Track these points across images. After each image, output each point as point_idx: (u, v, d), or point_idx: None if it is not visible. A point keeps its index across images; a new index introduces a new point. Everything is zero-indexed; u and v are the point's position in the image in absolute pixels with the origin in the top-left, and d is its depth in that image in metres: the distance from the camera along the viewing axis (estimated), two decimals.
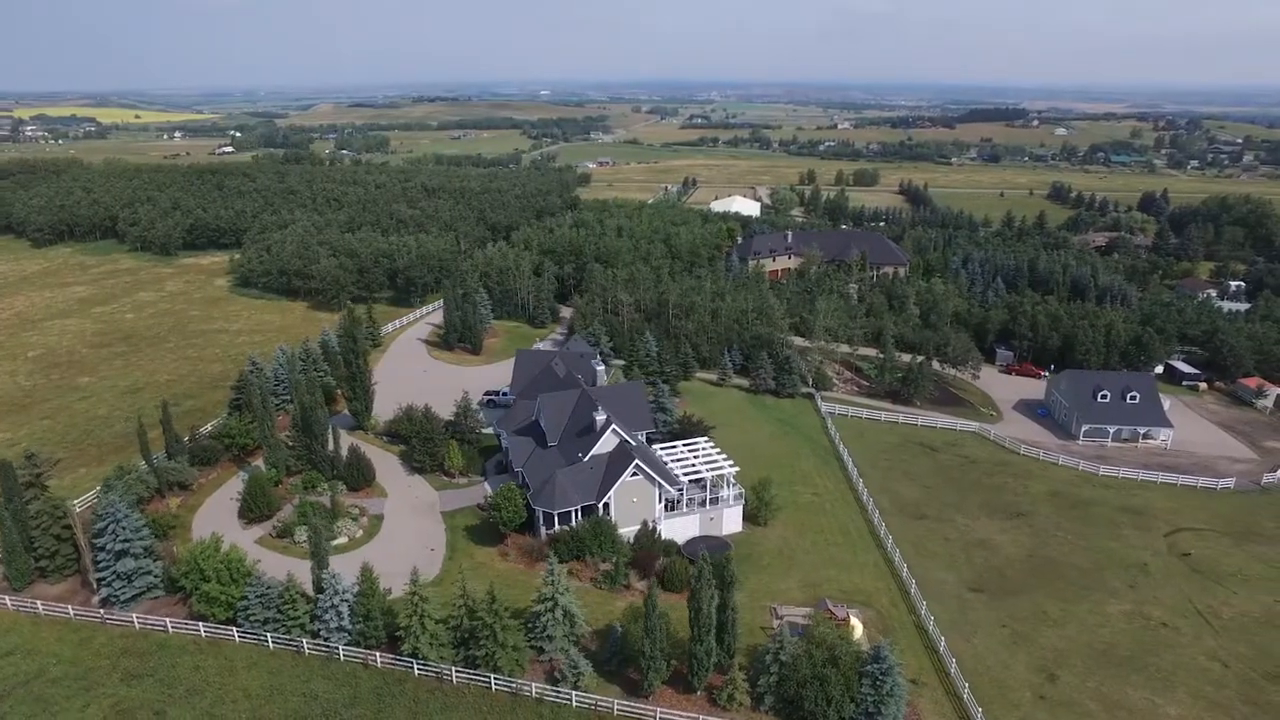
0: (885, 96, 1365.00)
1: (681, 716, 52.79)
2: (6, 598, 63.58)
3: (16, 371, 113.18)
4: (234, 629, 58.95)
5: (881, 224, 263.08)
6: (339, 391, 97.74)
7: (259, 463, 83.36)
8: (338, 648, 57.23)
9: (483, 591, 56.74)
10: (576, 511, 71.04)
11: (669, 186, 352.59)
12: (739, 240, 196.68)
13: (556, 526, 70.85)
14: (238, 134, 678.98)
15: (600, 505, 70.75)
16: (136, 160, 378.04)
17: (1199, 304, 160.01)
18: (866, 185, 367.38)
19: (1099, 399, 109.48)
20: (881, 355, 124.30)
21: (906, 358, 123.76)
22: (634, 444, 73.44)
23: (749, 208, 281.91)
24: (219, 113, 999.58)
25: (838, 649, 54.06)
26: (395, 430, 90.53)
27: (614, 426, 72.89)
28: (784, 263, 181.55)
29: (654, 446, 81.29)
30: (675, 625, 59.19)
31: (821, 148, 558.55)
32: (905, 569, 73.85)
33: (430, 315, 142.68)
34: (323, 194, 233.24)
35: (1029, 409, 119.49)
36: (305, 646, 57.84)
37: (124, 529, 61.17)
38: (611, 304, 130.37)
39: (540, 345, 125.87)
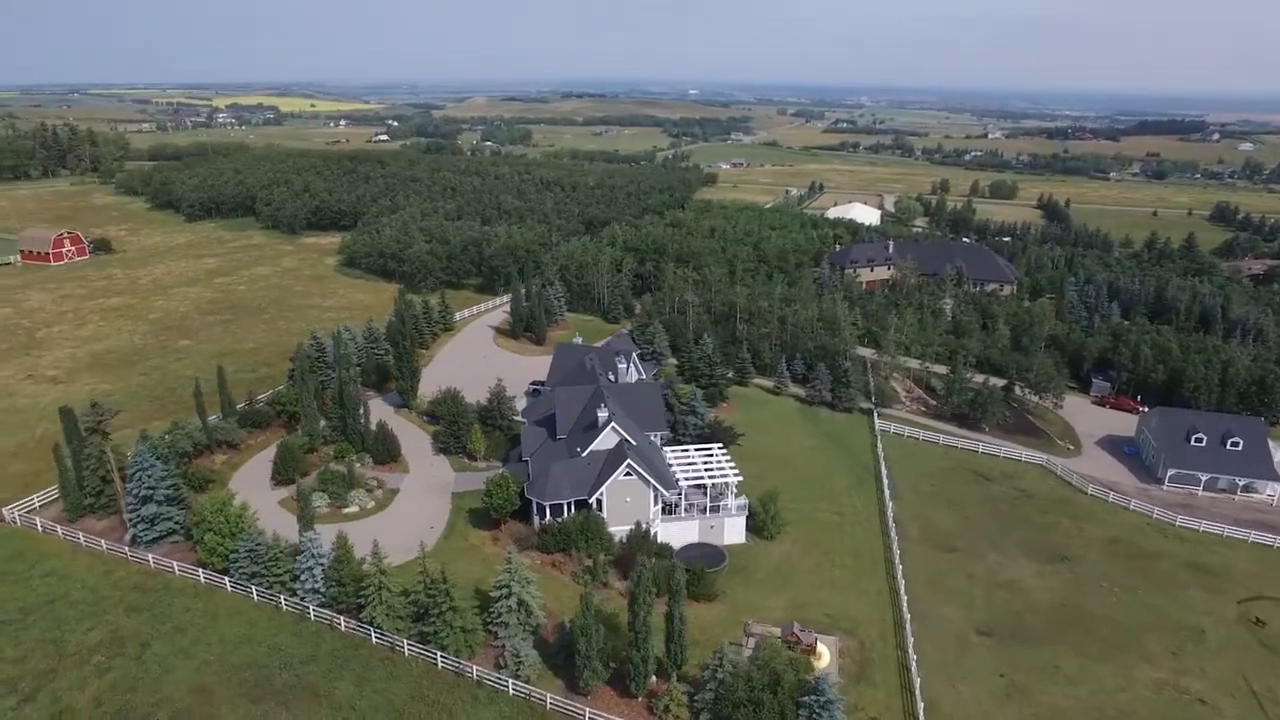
0: (1049, 105, 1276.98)
1: None
2: (59, 527, 71.51)
3: (135, 331, 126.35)
4: (227, 579, 63.61)
5: (1006, 239, 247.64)
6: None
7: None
8: (309, 608, 60.63)
9: (450, 573, 58.57)
10: (570, 505, 71.66)
11: (790, 190, 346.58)
12: (836, 248, 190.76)
13: (549, 517, 71.72)
14: (395, 123, 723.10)
15: (593, 501, 71.02)
16: (297, 145, 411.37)
17: None
18: (1003, 198, 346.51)
19: (1192, 442, 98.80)
20: (963, 373, 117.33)
21: (980, 379, 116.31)
22: (634, 443, 73.18)
23: (867, 215, 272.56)
24: (384, 103, 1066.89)
25: (783, 675, 51.91)
26: (434, 411, 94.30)
27: (614, 424, 72.92)
28: (882, 273, 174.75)
29: (665, 449, 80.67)
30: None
31: (967, 157, 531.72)
32: (908, 601, 69.75)
33: (509, 304, 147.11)
34: (440, 183, 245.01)
35: (1115, 446, 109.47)
36: (283, 603, 61.66)
37: (149, 477, 67.31)
38: (679, 304, 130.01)
39: (604, 341, 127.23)
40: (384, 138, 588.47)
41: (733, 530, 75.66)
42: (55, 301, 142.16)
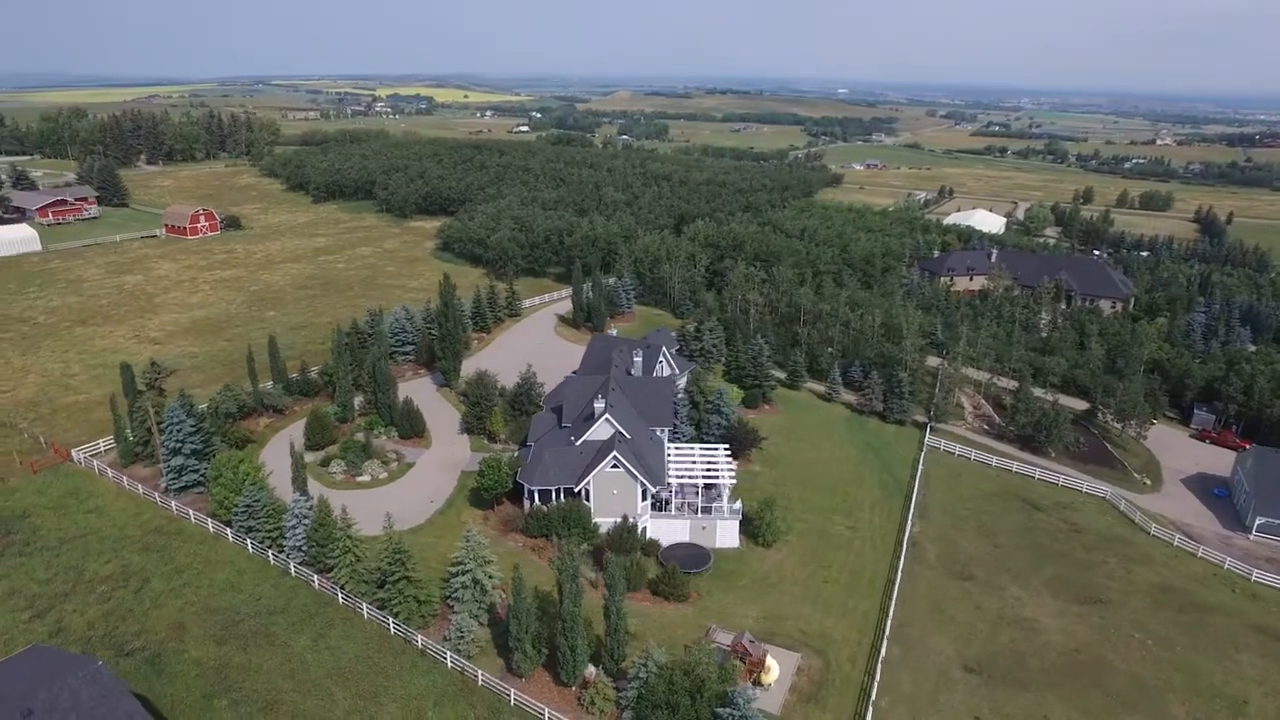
0: (1240, 109, 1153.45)
1: (533, 705, 52.72)
2: (111, 471, 79.46)
3: (233, 301, 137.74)
4: (229, 530, 68.68)
5: (1144, 254, 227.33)
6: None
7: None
8: (290, 564, 64.51)
9: (411, 544, 60.84)
10: (559, 492, 72.38)
11: (913, 193, 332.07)
12: (935, 254, 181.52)
13: (537, 502, 72.79)
14: (538, 115, 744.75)
15: (579, 490, 71.43)
16: (438, 133, 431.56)
17: None
18: (1155, 209, 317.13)
19: None
20: (1030, 391, 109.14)
21: (1052, 399, 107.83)
22: (628, 436, 72.92)
23: (990, 223, 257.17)
24: (533, 95, 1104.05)
25: (707, 681, 50.55)
26: (467, 392, 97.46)
27: (608, 416, 72.90)
28: (981, 282, 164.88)
29: (669, 446, 79.80)
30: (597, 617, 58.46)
31: (1127, 165, 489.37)
32: (898, 626, 65.95)
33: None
34: (551, 173, 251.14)
35: (1204, 486, 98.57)
36: (271, 557, 65.95)
37: (178, 432, 73.60)
38: (741, 303, 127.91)
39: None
40: (524, 129, 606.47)
41: (725, 533, 73.97)
42: (179, 271, 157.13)
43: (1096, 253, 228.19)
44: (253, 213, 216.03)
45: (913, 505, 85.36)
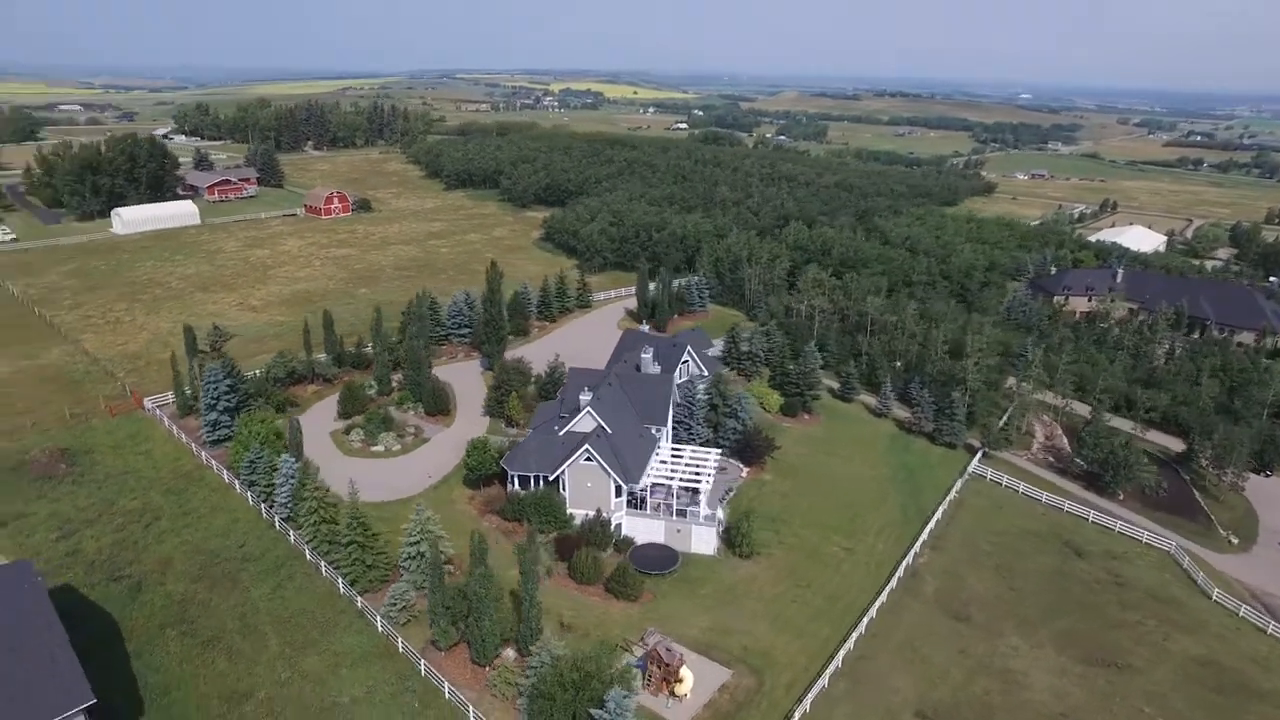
0: None
1: (437, 678, 54.15)
2: (167, 420, 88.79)
3: (334, 278, 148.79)
4: (237, 482, 75.04)
5: None
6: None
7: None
8: (275, 519, 69.65)
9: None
10: (538, 479, 73.55)
11: (1065, 205, 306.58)
12: (1052, 271, 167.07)
13: (517, 486, 74.34)
14: (700, 113, 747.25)
15: (554, 479, 72.26)
16: (594, 128, 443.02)
17: None
18: None
19: None
20: (1103, 423, 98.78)
21: (1137, 434, 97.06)
22: (609, 431, 72.80)
23: (1145, 241, 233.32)
24: (700, 93, 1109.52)
25: (596, 677, 50.07)
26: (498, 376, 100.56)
27: (590, 409, 73.09)
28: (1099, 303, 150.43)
29: (665, 445, 78.88)
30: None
31: None
32: (855, 659, 62.11)
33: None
34: (675, 170, 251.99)
35: None
36: (263, 511, 71.47)
37: (215, 390, 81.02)
38: (807, 309, 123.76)
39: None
40: (682, 126, 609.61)
41: (701, 539, 72.29)
42: (301, 248, 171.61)
43: (1273, 279, 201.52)
44: (386, 196, 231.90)
45: (925, 533, 79.72)
